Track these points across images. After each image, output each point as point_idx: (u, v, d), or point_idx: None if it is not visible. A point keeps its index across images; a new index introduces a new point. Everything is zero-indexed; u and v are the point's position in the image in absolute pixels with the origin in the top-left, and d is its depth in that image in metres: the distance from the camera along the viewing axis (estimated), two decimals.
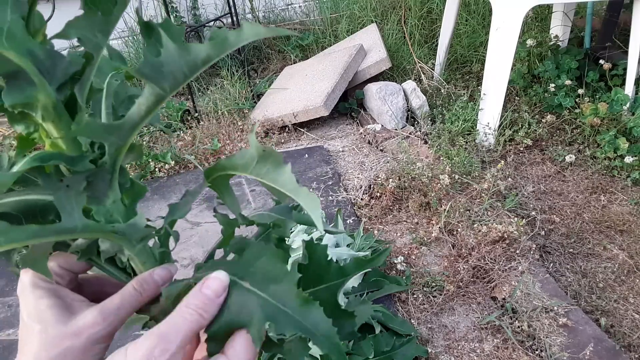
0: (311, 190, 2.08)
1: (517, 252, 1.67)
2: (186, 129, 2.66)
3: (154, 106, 0.33)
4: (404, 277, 1.60)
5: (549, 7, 3.04)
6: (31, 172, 0.35)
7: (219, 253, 0.46)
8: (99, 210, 0.37)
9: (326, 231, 0.53)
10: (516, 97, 2.65)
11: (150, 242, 0.41)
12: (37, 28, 0.33)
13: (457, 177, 2.02)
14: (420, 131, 2.44)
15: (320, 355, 0.36)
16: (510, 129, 2.29)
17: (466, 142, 2.26)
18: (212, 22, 3.17)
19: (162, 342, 0.33)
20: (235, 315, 0.35)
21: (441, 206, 1.87)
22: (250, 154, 0.37)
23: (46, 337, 0.35)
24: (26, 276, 0.38)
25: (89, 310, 0.37)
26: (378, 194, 2.00)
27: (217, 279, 0.36)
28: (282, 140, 2.59)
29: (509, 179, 2.07)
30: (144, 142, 2.49)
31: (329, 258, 0.47)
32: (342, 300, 1.25)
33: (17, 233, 0.28)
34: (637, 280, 1.61)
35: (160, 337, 0.33)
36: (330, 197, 2.05)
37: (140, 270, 0.40)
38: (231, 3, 2.85)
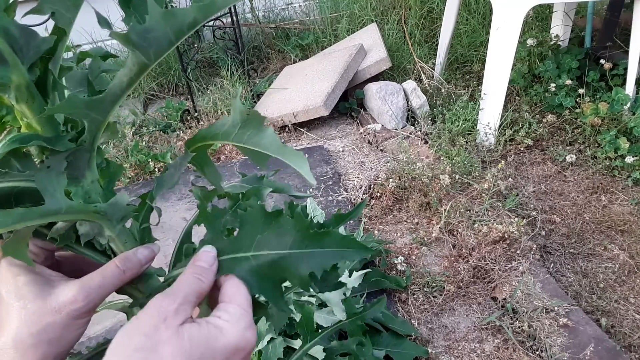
0: (311, 190, 2.08)
1: (518, 252, 1.67)
2: (186, 128, 2.65)
3: (137, 77, 0.32)
4: (404, 277, 1.59)
5: (549, 7, 3.03)
6: (7, 156, 0.35)
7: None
8: (77, 192, 0.36)
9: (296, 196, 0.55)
10: (517, 97, 2.65)
11: (129, 224, 0.41)
12: (9, 4, 0.32)
13: (457, 177, 2.01)
14: (420, 131, 2.44)
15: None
16: (510, 129, 2.29)
17: (466, 142, 2.26)
18: (212, 22, 3.17)
19: (169, 297, 0.35)
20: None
21: (441, 206, 1.87)
22: (233, 120, 0.37)
23: (26, 313, 0.36)
24: (1, 254, 0.38)
25: (68, 286, 0.37)
26: (378, 194, 1.99)
27: (205, 252, 0.39)
28: (282, 140, 2.59)
29: (510, 179, 2.07)
30: (144, 142, 2.49)
31: (308, 218, 0.48)
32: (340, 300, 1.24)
33: (3, 217, 0.28)
34: (638, 281, 1.60)
35: (166, 295, 0.35)
36: (330, 197, 2.05)
37: (121, 251, 0.40)
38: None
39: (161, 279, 0.44)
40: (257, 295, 0.39)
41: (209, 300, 0.40)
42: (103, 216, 0.37)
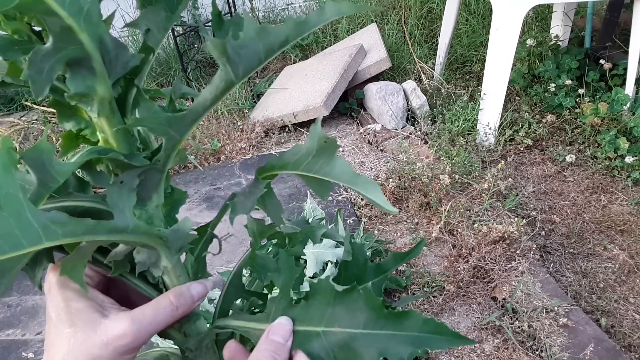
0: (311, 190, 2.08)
1: (518, 252, 1.67)
2: None
3: (221, 95, 0.31)
4: (404, 277, 1.59)
5: (549, 7, 3.03)
6: (82, 168, 0.34)
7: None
8: (141, 215, 0.36)
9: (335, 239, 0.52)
10: (516, 97, 2.65)
11: (183, 257, 0.40)
12: (109, 15, 0.32)
13: (457, 177, 2.01)
14: (420, 131, 2.44)
15: None
16: (510, 129, 2.29)
17: (466, 142, 2.26)
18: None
19: None
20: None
21: (441, 206, 1.87)
22: (308, 148, 0.35)
23: (75, 342, 0.35)
24: (54, 275, 0.37)
25: (119, 319, 0.36)
26: None
27: (281, 325, 0.36)
28: (282, 140, 2.59)
29: (509, 179, 2.07)
30: None
31: (366, 257, 0.46)
32: None
33: (74, 226, 0.28)
34: (638, 281, 1.60)
35: None
36: (330, 197, 2.05)
37: (174, 284, 0.39)
38: (231, 3, 2.84)
39: (207, 325, 0.43)
40: None
41: None
42: (164, 242, 0.36)
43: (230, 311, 0.45)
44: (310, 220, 0.51)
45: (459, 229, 1.78)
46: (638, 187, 2.00)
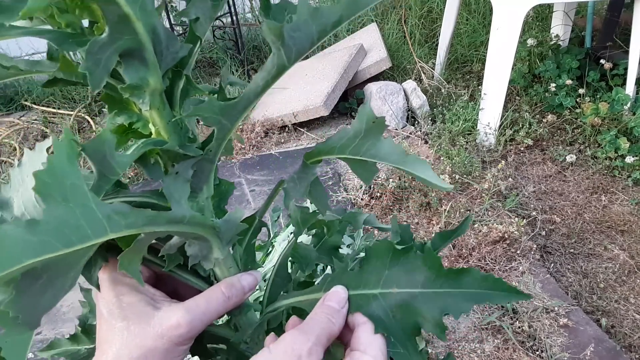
0: None
1: (518, 252, 1.67)
2: None
3: (272, 80, 0.31)
4: None
5: (549, 7, 3.03)
6: (137, 162, 0.34)
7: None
8: (192, 207, 0.36)
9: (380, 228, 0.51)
10: (517, 97, 2.65)
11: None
12: (160, 3, 0.32)
13: (457, 177, 2.01)
14: (420, 131, 2.44)
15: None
16: (510, 129, 2.29)
17: (467, 142, 2.26)
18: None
19: (303, 335, 0.33)
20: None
21: (442, 206, 1.87)
22: (355, 131, 0.35)
23: (128, 335, 0.35)
24: (105, 273, 0.37)
25: (172, 310, 0.36)
26: (378, 194, 1.99)
27: (336, 292, 0.36)
28: (282, 140, 2.59)
29: (510, 179, 2.07)
30: None
31: (412, 237, 0.46)
32: None
33: (135, 217, 0.28)
34: (638, 281, 1.60)
35: (300, 331, 0.34)
36: (330, 197, 2.05)
37: (225, 276, 0.39)
38: (231, 2, 2.84)
39: (257, 314, 0.43)
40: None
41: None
42: (216, 233, 0.36)
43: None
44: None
45: None
46: (638, 187, 1.99)
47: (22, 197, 0.33)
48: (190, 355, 0.43)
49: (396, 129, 2.49)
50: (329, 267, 0.42)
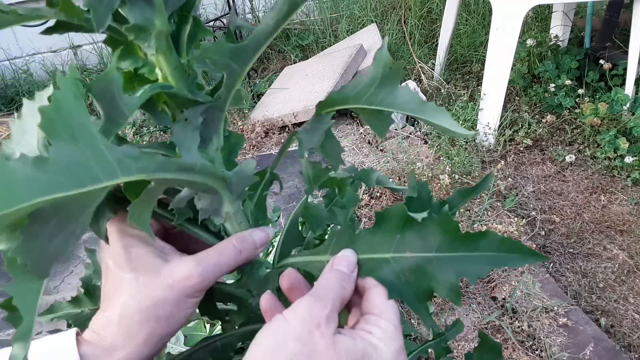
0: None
1: None
2: None
3: (283, 20, 0.30)
4: None
5: (549, 7, 3.04)
6: (144, 108, 0.33)
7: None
8: (202, 158, 0.35)
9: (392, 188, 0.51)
10: (516, 97, 2.65)
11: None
12: None
13: (457, 177, 2.02)
14: (420, 131, 2.44)
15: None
16: (510, 129, 2.29)
17: (466, 142, 2.26)
18: (212, 22, 3.17)
19: (318, 300, 0.32)
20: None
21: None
22: (371, 78, 0.34)
23: (137, 286, 0.34)
24: (113, 225, 0.36)
25: (183, 261, 0.35)
26: (378, 194, 2.00)
27: (345, 256, 0.35)
28: (282, 140, 2.59)
29: (509, 179, 2.07)
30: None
31: (430, 194, 0.45)
32: None
33: (147, 161, 0.26)
34: (637, 280, 1.61)
35: (315, 297, 0.32)
36: None
37: (236, 231, 0.38)
38: (231, 3, 2.85)
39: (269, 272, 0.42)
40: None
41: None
42: (228, 185, 0.35)
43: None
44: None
45: None
46: (638, 187, 2.00)
47: (24, 148, 0.31)
48: (198, 312, 0.43)
49: (396, 129, 2.50)
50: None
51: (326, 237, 0.38)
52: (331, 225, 0.43)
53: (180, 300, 0.34)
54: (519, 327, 1.42)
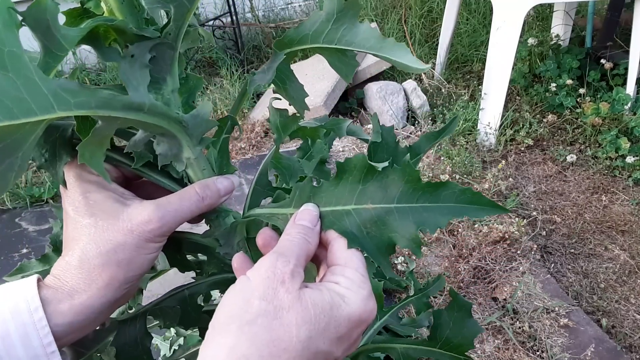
0: None
1: (518, 252, 1.66)
2: None
3: None
4: (404, 278, 1.59)
5: (550, 6, 3.03)
6: (89, 43, 0.32)
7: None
8: (157, 99, 0.34)
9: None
10: (517, 97, 2.64)
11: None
12: None
13: (457, 177, 2.01)
14: (420, 131, 2.43)
15: None
16: (511, 129, 2.29)
17: (467, 142, 2.26)
18: (212, 21, 3.17)
19: (282, 256, 0.31)
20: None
21: None
22: (327, 13, 0.33)
23: (96, 230, 0.33)
24: (71, 170, 0.35)
25: (143, 206, 0.34)
26: None
27: (307, 210, 0.35)
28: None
29: (510, 178, 2.06)
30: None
31: (396, 139, 0.43)
32: None
33: (87, 97, 0.25)
34: (639, 281, 1.60)
35: (279, 253, 0.32)
36: None
37: (199, 178, 0.38)
38: (231, 2, 2.84)
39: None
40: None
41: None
42: (184, 128, 0.34)
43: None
44: None
45: (460, 229, 1.77)
46: (639, 187, 1.99)
47: None
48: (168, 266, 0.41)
49: (396, 129, 2.49)
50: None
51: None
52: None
53: (140, 245, 0.34)
54: (520, 327, 1.41)
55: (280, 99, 0.43)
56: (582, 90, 2.35)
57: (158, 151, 0.35)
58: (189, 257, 0.44)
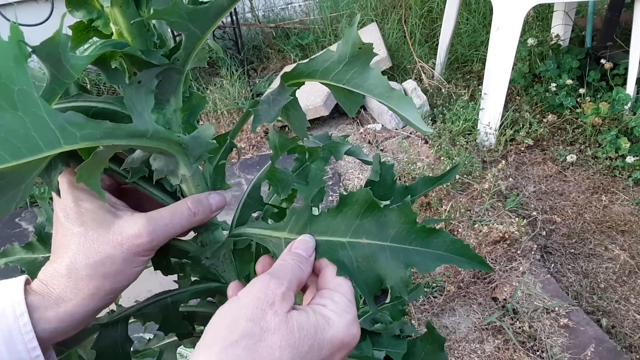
0: None
1: (518, 252, 1.66)
2: None
3: None
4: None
5: (550, 6, 3.03)
6: (96, 64, 0.31)
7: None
8: (158, 120, 0.34)
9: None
10: (517, 97, 2.64)
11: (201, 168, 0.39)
12: None
13: (457, 177, 2.01)
14: None
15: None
16: (511, 129, 2.29)
17: (467, 142, 2.26)
18: None
19: (275, 277, 0.32)
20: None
21: (442, 206, 1.87)
22: (340, 55, 0.33)
23: (86, 241, 0.34)
24: (64, 177, 0.35)
25: (134, 219, 0.35)
26: None
27: (304, 241, 0.35)
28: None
29: (510, 179, 2.06)
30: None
31: (394, 178, 0.45)
32: None
33: (93, 129, 0.25)
34: (639, 281, 1.60)
35: (273, 276, 0.32)
36: (330, 197, 2.04)
37: (192, 193, 0.38)
38: None
39: (225, 233, 0.41)
40: None
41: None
42: (183, 150, 0.34)
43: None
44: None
45: (460, 229, 1.77)
46: (639, 187, 1.99)
47: None
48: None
49: (396, 129, 2.49)
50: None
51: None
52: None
53: (128, 259, 0.34)
54: (520, 327, 1.41)
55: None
56: (582, 90, 2.35)
57: (154, 167, 0.36)
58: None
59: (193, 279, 0.46)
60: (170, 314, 0.44)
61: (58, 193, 0.36)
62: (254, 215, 0.45)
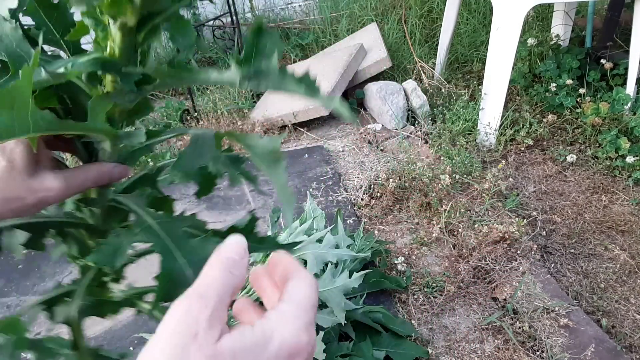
0: (311, 190, 2.08)
1: (518, 252, 1.66)
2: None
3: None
4: (404, 278, 1.59)
5: (550, 6, 3.03)
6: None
7: None
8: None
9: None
10: (517, 97, 2.64)
11: None
12: None
13: (457, 177, 2.01)
14: (420, 131, 2.43)
15: None
16: (511, 129, 2.29)
17: (467, 142, 2.26)
18: (212, 21, 3.16)
19: (199, 298, 0.27)
20: None
21: (442, 206, 1.87)
22: (262, 147, 0.39)
23: (7, 177, 0.37)
24: None
25: (54, 175, 0.39)
26: (378, 194, 1.99)
27: (234, 242, 0.31)
28: (282, 140, 2.58)
29: (510, 179, 2.06)
30: None
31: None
32: (342, 301, 1.24)
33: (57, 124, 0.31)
34: (639, 281, 1.60)
35: (193, 295, 0.28)
36: (330, 197, 2.04)
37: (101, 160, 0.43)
38: (230, 2, 2.84)
39: None
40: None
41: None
42: (115, 138, 0.39)
43: None
44: (309, 221, 0.50)
45: (460, 229, 1.77)
46: (639, 187, 1.99)
47: None
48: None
49: (396, 129, 2.49)
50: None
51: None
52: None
53: (38, 206, 0.39)
54: (520, 327, 1.41)
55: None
56: (582, 90, 2.35)
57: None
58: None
59: None
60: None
61: None
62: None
